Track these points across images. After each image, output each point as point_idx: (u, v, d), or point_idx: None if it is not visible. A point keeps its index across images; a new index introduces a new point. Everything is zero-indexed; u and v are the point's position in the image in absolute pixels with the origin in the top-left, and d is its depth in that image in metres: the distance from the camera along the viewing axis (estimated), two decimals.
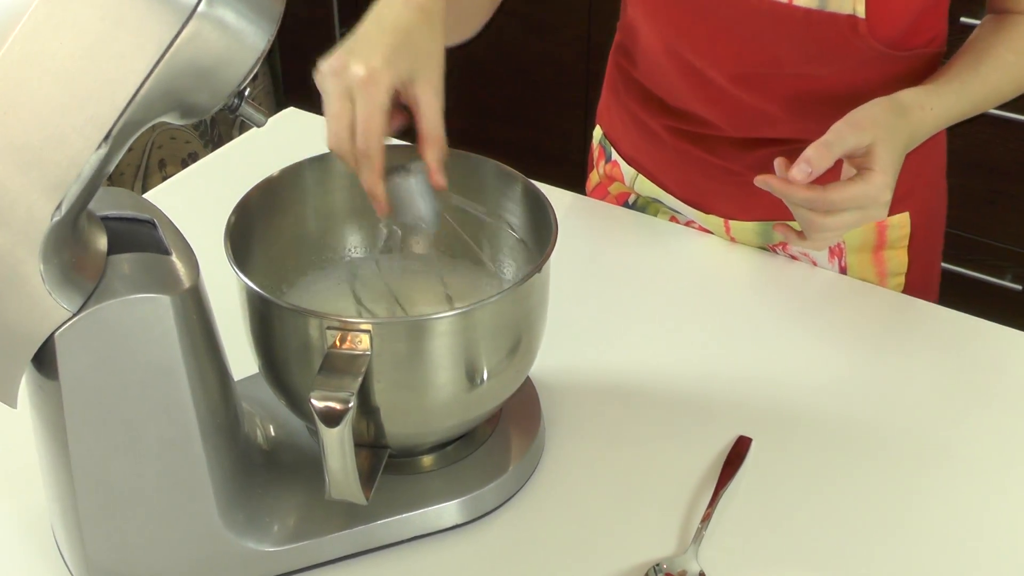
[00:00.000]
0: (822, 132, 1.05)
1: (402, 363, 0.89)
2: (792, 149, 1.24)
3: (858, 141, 1.03)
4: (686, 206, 1.38)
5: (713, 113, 1.28)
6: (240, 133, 2.69)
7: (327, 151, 0.94)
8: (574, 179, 1.62)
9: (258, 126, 0.88)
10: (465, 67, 2.96)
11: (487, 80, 2.91)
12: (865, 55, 1.16)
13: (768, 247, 1.35)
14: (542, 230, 0.98)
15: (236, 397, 0.94)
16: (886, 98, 1.08)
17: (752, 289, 1.28)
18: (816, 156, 1.01)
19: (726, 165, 1.31)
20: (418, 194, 0.96)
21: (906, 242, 1.33)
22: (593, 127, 1.50)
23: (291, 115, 1.61)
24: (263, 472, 0.96)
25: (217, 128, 3.02)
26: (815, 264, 1.34)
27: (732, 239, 1.36)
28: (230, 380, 0.93)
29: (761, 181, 1.04)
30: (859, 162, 1.04)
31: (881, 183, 1.03)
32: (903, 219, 1.31)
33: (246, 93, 0.84)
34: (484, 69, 2.90)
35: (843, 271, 1.33)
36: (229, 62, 0.78)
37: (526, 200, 1.02)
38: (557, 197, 1.39)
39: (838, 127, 1.03)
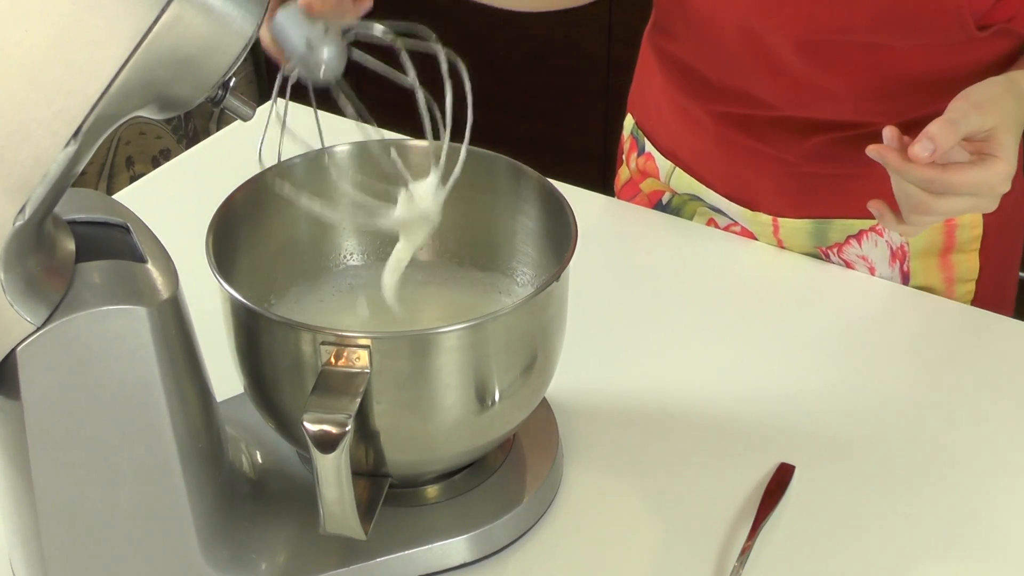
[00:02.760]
0: (887, 117, 1.06)
1: (405, 382, 0.90)
2: (853, 136, 1.25)
3: (981, 123, 1.05)
4: (730, 203, 1.38)
5: (770, 89, 1.28)
6: (219, 127, 2.70)
7: (320, 147, 0.95)
8: (593, 177, 1.64)
9: (244, 120, 0.88)
10: (474, 54, 2.98)
11: (498, 67, 2.92)
12: (944, 24, 1.16)
13: (820, 250, 1.36)
14: (560, 234, 0.98)
15: (219, 420, 0.95)
16: (1002, 78, 1.10)
17: (799, 301, 1.29)
18: (941, 134, 1.02)
19: (778, 154, 1.31)
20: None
21: (978, 244, 1.33)
22: (615, 118, 1.51)
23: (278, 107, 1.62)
24: (249, 503, 0.97)
25: (192, 122, 3.03)
26: (873, 271, 1.34)
27: (780, 241, 1.37)
28: (213, 401, 0.94)
29: (874, 151, 1.05)
30: (978, 147, 1.06)
31: (1003, 172, 1.05)
32: (975, 218, 1.31)
33: (231, 84, 0.85)
34: (494, 55, 2.91)
35: (905, 277, 1.34)
36: (214, 50, 0.79)
37: (543, 201, 1.03)
38: (577, 197, 1.40)
39: (960, 106, 1.05)
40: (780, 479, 1.07)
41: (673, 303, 1.28)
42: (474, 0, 1.25)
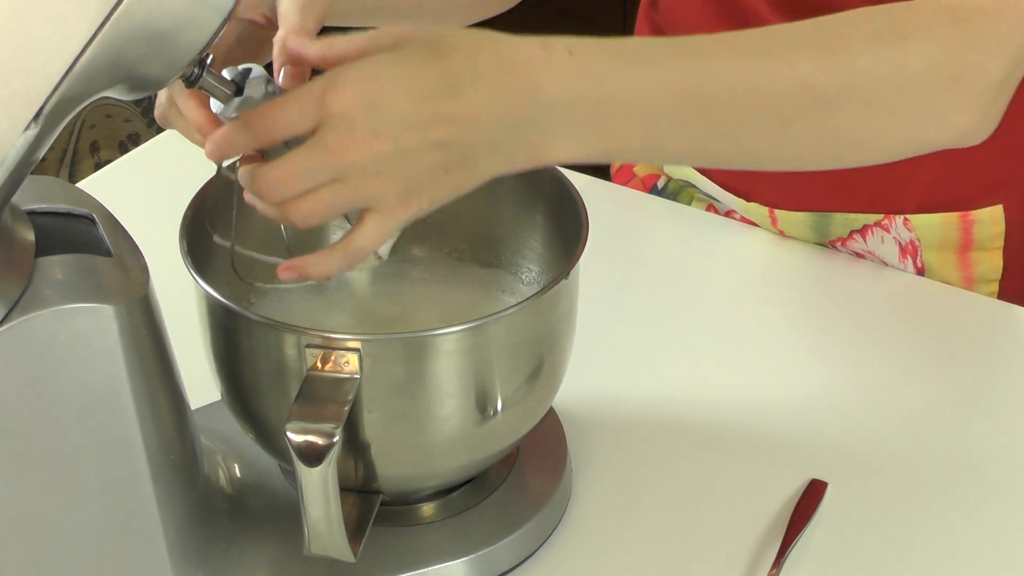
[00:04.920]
0: None
1: (398, 389, 0.90)
2: None
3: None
4: (724, 192, 1.38)
5: None
6: None
7: None
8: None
9: (222, 100, 0.89)
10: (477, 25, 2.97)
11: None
12: None
13: (826, 243, 1.36)
14: (570, 227, 0.99)
15: (194, 429, 0.95)
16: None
17: (828, 299, 1.29)
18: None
19: None
20: None
21: (1000, 242, 1.32)
22: None
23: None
24: (227, 521, 0.98)
25: None
26: (885, 264, 1.34)
27: (781, 233, 1.37)
28: (187, 409, 0.94)
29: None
30: None
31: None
32: (995, 213, 1.30)
33: (208, 61, 0.85)
34: (491, 22, 2.91)
35: (920, 272, 1.33)
36: (190, 24, 0.79)
37: (551, 190, 1.03)
38: (581, 185, 1.40)
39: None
40: (811, 497, 1.07)
41: (691, 302, 1.29)
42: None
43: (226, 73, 0.88)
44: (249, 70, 0.89)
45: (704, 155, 0.93)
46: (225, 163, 0.90)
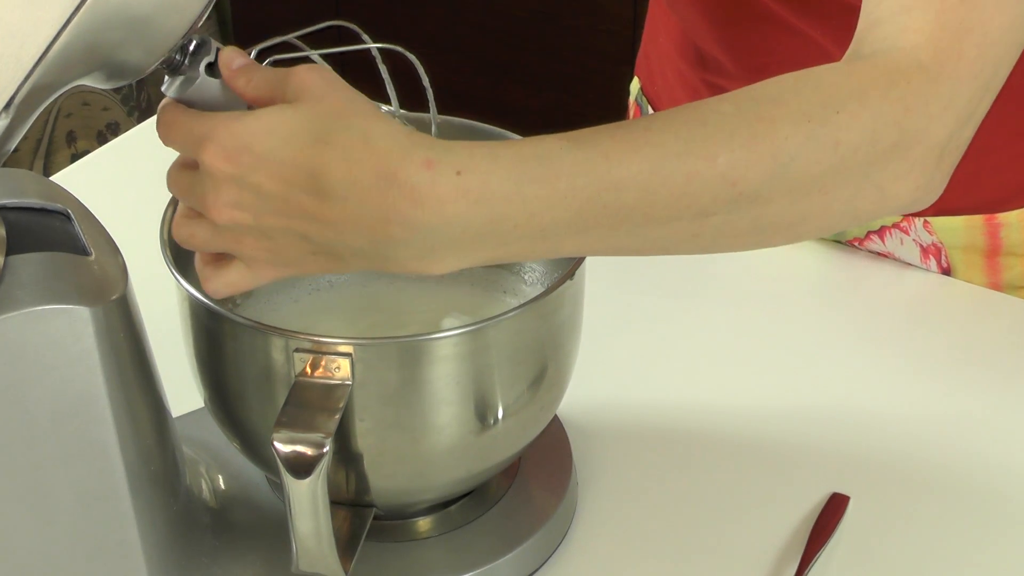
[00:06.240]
0: None
1: (392, 397, 0.90)
2: None
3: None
4: None
5: (759, 46, 1.27)
6: None
7: None
8: None
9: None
10: (473, 11, 2.98)
11: (502, 28, 2.93)
12: None
13: (845, 242, 1.36)
14: None
15: (175, 439, 0.95)
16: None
17: (835, 296, 1.29)
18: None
19: None
20: None
21: None
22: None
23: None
24: (210, 536, 0.98)
25: (145, 90, 3.04)
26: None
27: None
28: (168, 417, 0.94)
29: None
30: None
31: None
32: (1022, 216, 1.30)
33: (191, 47, 0.85)
34: (498, 13, 2.91)
35: (945, 273, 1.33)
36: (171, 8, 0.79)
37: None
38: None
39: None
40: (832, 512, 1.07)
41: (703, 303, 1.29)
42: None
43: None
44: (202, 44, 0.87)
45: (608, 251, 0.89)
46: None
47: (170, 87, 0.86)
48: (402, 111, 0.99)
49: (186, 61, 0.85)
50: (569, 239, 0.84)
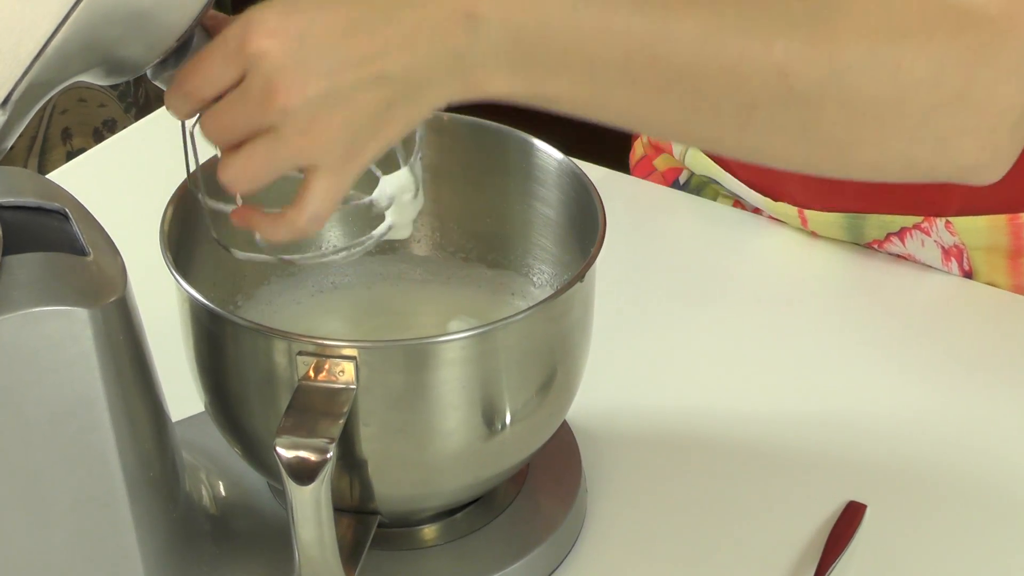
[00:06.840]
0: None
1: (398, 401, 0.90)
2: None
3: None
4: (749, 190, 1.38)
5: None
6: None
7: None
8: (617, 152, 1.63)
9: None
10: None
11: None
12: None
13: (864, 245, 1.35)
14: (585, 225, 0.99)
15: (175, 444, 0.95)
16: None
17: (853, 300, 1.29)
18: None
19: None
20: None
21: None
22: None
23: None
24: (210, 544, 0.98)
25: (143, 87, 3.04)
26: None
27: (813, 234, 1.37)
28: (167, 421, 0.94)
29: None
30: None
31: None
32: None
33: (193, 42, 0.85)
34: None
35: (967, 276, 1.33)
36: (172, 3, 0.79)
37: (564, 184, 1.03)
38: (599, 178, 1.40)
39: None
40: (848, 521, 1.07)
41: (717, 306, 1.29)
42: None
43: None
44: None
45: (653, 122, 0.90)
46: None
47: (157, 76, 0.86)
48: None
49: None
50: (618, 90, 0.84)
